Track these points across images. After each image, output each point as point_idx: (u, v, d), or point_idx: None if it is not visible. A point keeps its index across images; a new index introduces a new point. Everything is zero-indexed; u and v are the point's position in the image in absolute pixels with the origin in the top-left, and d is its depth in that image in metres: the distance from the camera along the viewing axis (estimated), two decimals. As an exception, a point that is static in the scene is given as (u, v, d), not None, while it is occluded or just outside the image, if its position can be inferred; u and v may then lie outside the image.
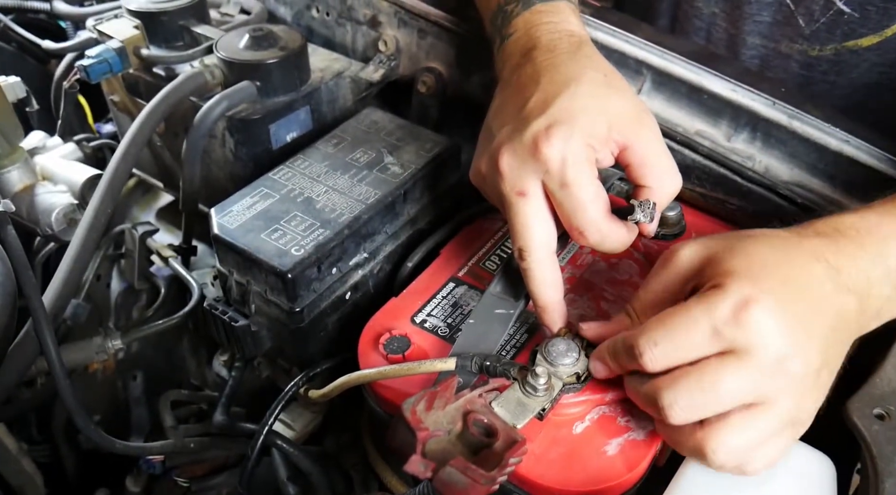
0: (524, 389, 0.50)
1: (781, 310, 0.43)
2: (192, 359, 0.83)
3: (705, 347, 0.44)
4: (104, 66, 0.75)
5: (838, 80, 0.81)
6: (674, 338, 0.44)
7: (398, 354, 0.56)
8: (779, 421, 0.44)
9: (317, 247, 0.60)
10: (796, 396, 0.44)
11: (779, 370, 0.43)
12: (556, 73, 0.55)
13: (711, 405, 0.44)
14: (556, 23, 0.60)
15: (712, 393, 0.43)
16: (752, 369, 0.43)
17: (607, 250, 0.54)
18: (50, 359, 0.55)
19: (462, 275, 0.63)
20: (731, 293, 0.43)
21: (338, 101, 0.79)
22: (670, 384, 0.44)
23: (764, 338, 0.43)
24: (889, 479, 0.46)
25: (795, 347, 0.43)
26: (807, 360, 0.43)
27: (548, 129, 0.51)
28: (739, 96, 0.66)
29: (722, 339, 0.43)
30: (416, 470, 0.41)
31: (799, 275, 0.45)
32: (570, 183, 0.51)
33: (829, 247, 0.47)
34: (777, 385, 0.43)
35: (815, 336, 0.44)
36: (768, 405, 0.43)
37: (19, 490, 0.69)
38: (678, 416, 0.44)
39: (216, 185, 0.77)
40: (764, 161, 0.66)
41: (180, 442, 0.68)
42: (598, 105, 0.53)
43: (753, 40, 0.82)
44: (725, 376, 0.43)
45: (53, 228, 0.72)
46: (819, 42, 0.78)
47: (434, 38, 0.80)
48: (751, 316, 0.42)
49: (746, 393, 0.43)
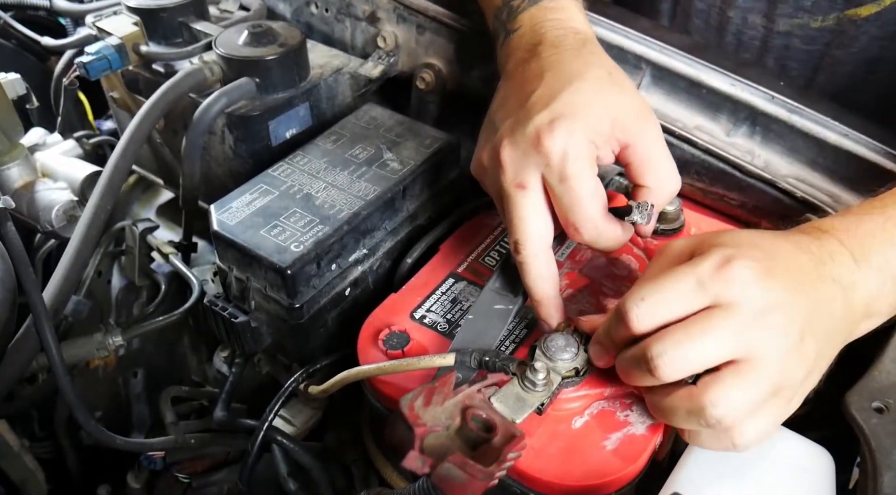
0: (523, 384, 0.50)
1: (763, 269, 0.44)
2: (192, 355, 0.84)
3: (690, 302, 0.44)
4: (103, 63, 0.75)
5: (839, 54, 0.80)
6: (659, 292, 0.45)
7: (397, 350, 0.56)
8: (767, 380, 0.44)
9: (316, 244, 0.60)
10: (780, 353, 0.44)
11: (761, 321, 0.43)
12: (561, 68, 0.55)
13: (696, 357, 0.44)
14: (562, 19, 0.60)
15: (699, 343, 0.43)
16: (736, 320, 0.43)
17: (602, 248, 0.54)
18: (50, 356, 0.56)
19: (461, 271, 0.64)
20: (715, 253, 0.45)
21: (337, 98, 0.79)
22: (658, 337, 0.45)
23: (746, 289, 0.44)
24: (887, 472, 0.46)
25: (777, 301, 0.44)
26: (789, 315, 0.44)
27: (551, 123, 0.51)
28: (739, 91, 0.66)
29: (706, 293, 0.44)
30: (414, 466, 0.41)
31: (784, 255, 0.47)
32: (570, 177, 0.51)
33: (812, 242, 0.48)
34: (761, 337, 0.43)
35: (799, 296, 0.45)
36: (755, 361, 0.43)
37: (21, 486, 0.69)
38: (666, 369, 0.44)
39: (216, 182, 0.77)
40: (763, 155, 0.66)
41: (181, 439, 0.69)
42: (602, 102, 0.53)
43: (755, 20, 0.82)
44: (711, 326, 0.43)
45: (53, 225, 0.72)
46: (821, 11, 0.78)
47: (433, 33, 0.80)
48: (733, 269, 0.44)
49: (732, 344, 0.43)
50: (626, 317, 0.46)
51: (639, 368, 0.46)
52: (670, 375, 0.44)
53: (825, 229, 0.49)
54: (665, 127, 0.67)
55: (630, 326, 0.46)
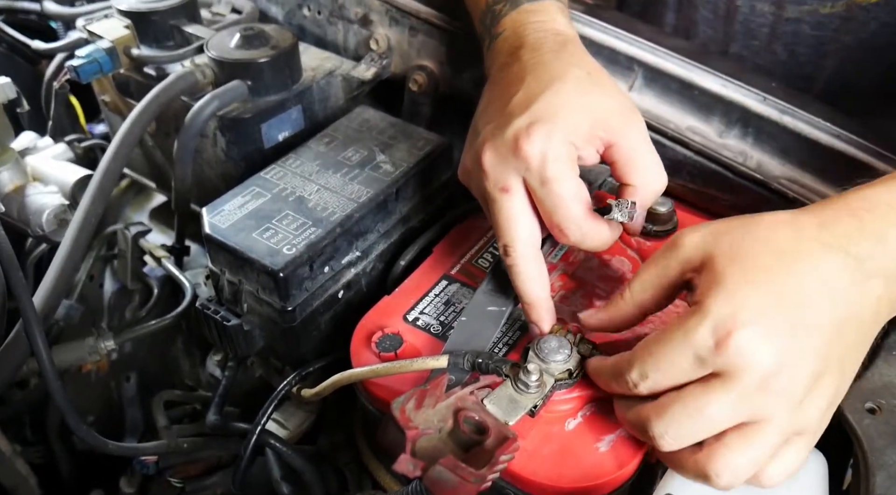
0: (516, 386, 0.49)
1: (766, 329, 0.42)
2: (185, 359, 0.83)
3: (690, 374, 0.43)
4: (94, 66, 0.75)
5: (849, 41, 0.80)
6: (659, 369, 0.44)
7: (390, 352, 0.56)
8: (778, 435, 0.43)
9: (309, 246, 0.60)
10: (790, 410, 0.43)
11: (764, 389, 0.42)
12: (541, 71, 0.55)
13: (701, 430, 0.43)
14: (543, 22, 0.60)
15: (699, 418, 0.43)
16: (737, 392, 0.42)
17: (589, 248, 0.54)
18: (40, 360, 0.55)
19: (454, 273, 0.63)
20: (711, 317, 0.42)
21: (329, 100, 0.79)
22: (659, 413, 0.44)
23: (746, 360, 0.41)
24: (880, 473, 0.46)
25: (781, 365, 0.42)
26: (796, 374, 0.42)
27: (528, 127, 0.51)
28: (731, 92, 0.66)
29: (706, 366, 0.43)
30: (405, 469, 0.41)
31: (804, 272, 0.43)
32: (550, 180, 0.51)
33: (851, 234, 0.44)
34: (766, 402, 0.42)
35: (808, 345, 0.43)
36: (762, 422, 0.43)
37: (13, 491, 0.69)
38: (670, 446, 0.44)
39: (208, 185, 0.76)
40: (756, 156, 0.66)
41: (174, 443, 0.68)
42: (582, 102, 0.53)
43: (762, 7, 0.82)
44: (710, 401, 0.42)
45: (44, 229, 0.72)
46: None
47: (425, 35, 0.80)
48: (732, 342, 0.41)
49: (734, 415, 0.43)
50: (630, 387, 0.46)
51: (644, 436, 0.46)
52: (676, 448, 0.44)
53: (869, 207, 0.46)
54: (657, 128, 0.68)
55: (632, 392, 0.46)
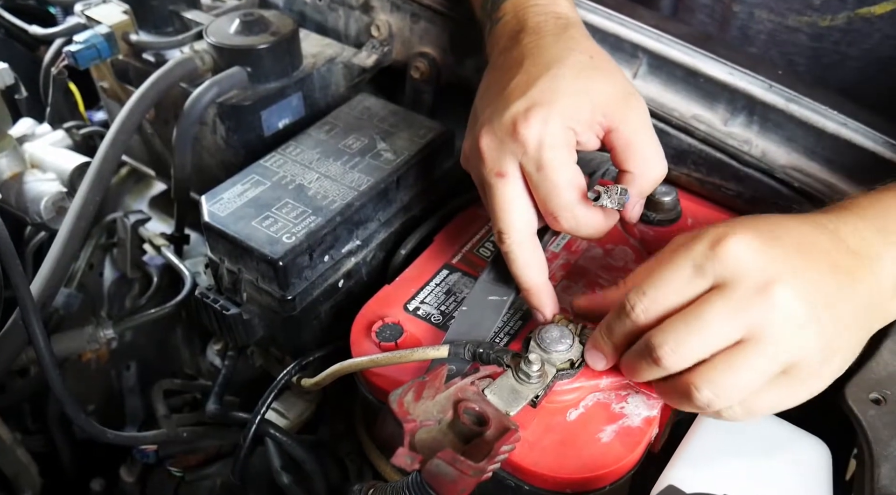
0: (517, 376, 0.49)
1: (762, 241, 0.43)
2: (185, 348, 0.83)
3: (690, 288, 0.44)
4: (92, 52, 0.74)
5: (849, 51, 0.79)
6: (659, 283, 0.44)
7: (391, 342, 0.55)
8: (771, 357, 0.42)
9: (309, 235, 0.59)
10: (786, 328, 0.42)
11: (761, 296, 0.41)
12: (540, 55, 0.55)
13: (701, 342, 0.43)
14: (544, 5, 0.60)
15: (699, 328, 0.42)
16: (733, 299, 0.42)
17: (583, 236, 0.54)
18: (38, 349, 0.55)
19: (455, 263, 0.63)
20: (709, 233, 0.44)
21: (330, 87, 0.78)
22: (660, 328, 0.44)
23: (742, 264, 0.42)
24: (884, 463, 0.46)
25: (779, 271, 0.42)
26: (794, 286, 0.42)
27: (526, 111, 0.51)
28: (736, 79, 0.65)
29: (704, 276, 0.43)
30: (403, 463, 0.40)
31: (791, 230, 0.45)
32: (546, 165, 0.50)
33: (828, 218, 0.47)
34: (763, 314, 0.42)
35: (808, 266, 0.43)
36: (756, 340, 0.42)
37: (14, 479, 0.69)
38: (669, 357, 0.43)
39: (208, 173, 0.76)
40: (761, 145, 0.65)
41: (173, 432, 0.68)
42: (582, 87, 0.52)
43: (761, 14, 0.81)
44: (709, 309, 0.42)
45: (42, 216, 0.71)
46: (831, 11, 0.77)
47: (427, 22, 0.79)
48: (726, 245, 0.43)
49: (731, 325, 0.42)
50: (629, 311, 0.45)
51: (644, 361, 0.45)
52: (676, 365, 0.43)
53: (845, 206, 0.48)
54: (662, 116, 0.67)
55: (634, 320, 0.45)
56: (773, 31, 0.81)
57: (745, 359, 0.42)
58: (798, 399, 0.45)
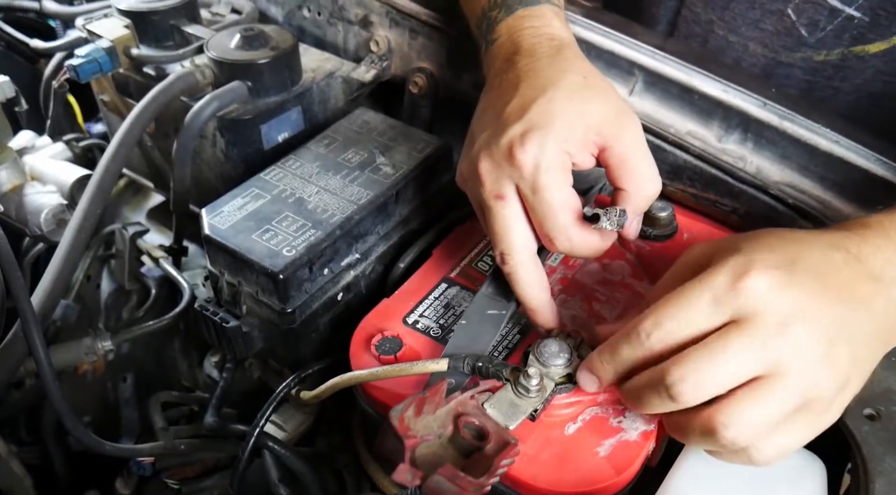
0: (516, 390, 0.49)
1: (783, 276, 0.42)
2: (182, 360, 0.83)
3: (708, 320, 0.43)
4: (94, 66, 0.74)
5: (842, 86, 0.80)
6: (676, 313, 0.44)
7: (390, 355, 0.56)
8: (791, 392, 0.42)
9: (308, 248, 0.59)
10: (805, 365, 0.42)
11: (782, 333, 0.42)
12: (535, 77, 0.55)
13: (718, 378, 0.42)
14: (538, 27, 0.60)
15: (718, 363, 0.42)
16: (755, 335, 0.42)
17: (579, 256, 0.55)
18: (38, 360, 0.55)
19: (454, 276, 0.63)
20: (730, 264, 0.43)
21: (329, 102, 0.79)
22: (678, 361, 0.43)
23: (763, 301, 0.42)
24: (879, 479, 0.46)
25: (799, 310, 0.42)
26: (813, 324, 0.42)
27: (522, 135, 0.52)
28: (731, 97, 0.66)
29: (723, 310, 0.43)
30: (403, 479, 0.40)
31: (809, 256, 0.45)
32: (542, 188, 0.51)
33: (851, 238, 0.46)
34: (783, 350, 0.42)
35: (826, 301, 0.43)
36: (777, 376, 0.42)
37: (8, 492, 0.68)
38: (685, 393, 0.42)
39: (207, 186, 0.76)
40: (755, 162, 0.66)
41: (170, 444, 0.68)
42: (576, 108, 0.53)
43: (755, 48, 0.82)
44: (729, 344, 0.42)
45: (42, 229, 0.72)
46: (825, 47, 0.78)
47: (425, 38, 0.79)
48: (748, 281, 0.42)
49: (752, 361, 0.42)
50: (643, 340, 0.45)
51: (656, 394, 0.44)
52: (692, 400, 0.43)
53: (869, 224, 0.48)
54: (658, 132, 0.68)
55: (649, 348, 0.45)
56: (767, 66, 0.82)
57: (766, 393, 0.42)
58: (812, 433, 0.44)
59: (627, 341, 0.46)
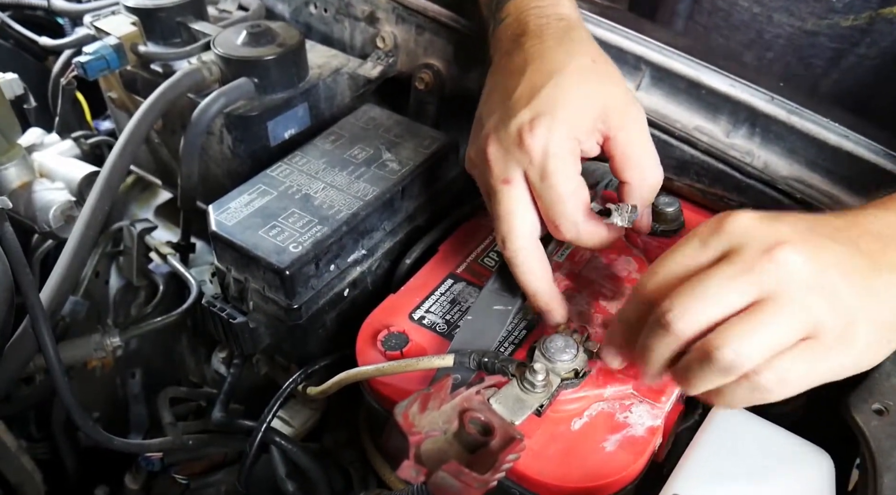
0: (522, 385, 0.49)
1: (767, 216, 0.43)
2: (190, 356, 0.83)
3: (696, 260, 0.43)
4: (101, 63, 0.75)
5: (868, 52, 0.79)
6: (666, 259, 0.45)
7: (396, 351, 0.56)
8: (785, 318, 0.41)
9: (315, 244, 0.60)
10: (795, 289, 0.41)
11: (768, 258, 0.41)
12: (543, 61, 0.55)
13: (709, 304, 0.42)
14: (546, 6, 0.60)
15: (706, 288, 0.42)
16: (740, 262, 0.42)
17: (585, 246, 0.54)
18: (47, 357, 0.55)
19: (460, 272, 0.63)
20: (714, 217, 0.44)
21: (336, 98, 0.79)
22: (668, 295, 0.43)
23: (748, 234, 0.42)
24: (888, 474, 0.46)
25: (784, 237, 0.42)
26: (799, 248, 0.41)
27: (531, 121, 0.52)
28: (738, 91, 0.66)
29: (711, 247, 0.43)
30: (408, 475, 0.40)
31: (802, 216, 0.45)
32: (551, 174, 0.51)
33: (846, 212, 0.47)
34: (770, 275, 0.41)
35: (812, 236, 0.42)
36: (768, 301, 0.41)
37: (18, 487, 0.69)
38: (676, 320, 0.42)
39: (214, 182, 0.76)
40: (763, 156, 0.66)
41: (179, 440, 0.68)
42: (584, 93, 0.53)
43: (780, 18, 0.81)
44: (715, 272, 0.42)
45: (51, 225, 0.72)
46: (854, 11, 0.77)
47: (432, 34, 0.79)
48: (731, 220, 0.43)
49: (741, 286, 0.41)
50: (640, 293, 0.45)
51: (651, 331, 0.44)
52: (684, 329, 0.42)
53: (865, 206, 0.47)
54: (665, 127, 0.67)
55: (645, 298, 0.45)
56: (792, 36, 0.81)
57: (760, 315, 0.41)
58: (826, 369, 0.42)
59: (629, 300, 0.47)
